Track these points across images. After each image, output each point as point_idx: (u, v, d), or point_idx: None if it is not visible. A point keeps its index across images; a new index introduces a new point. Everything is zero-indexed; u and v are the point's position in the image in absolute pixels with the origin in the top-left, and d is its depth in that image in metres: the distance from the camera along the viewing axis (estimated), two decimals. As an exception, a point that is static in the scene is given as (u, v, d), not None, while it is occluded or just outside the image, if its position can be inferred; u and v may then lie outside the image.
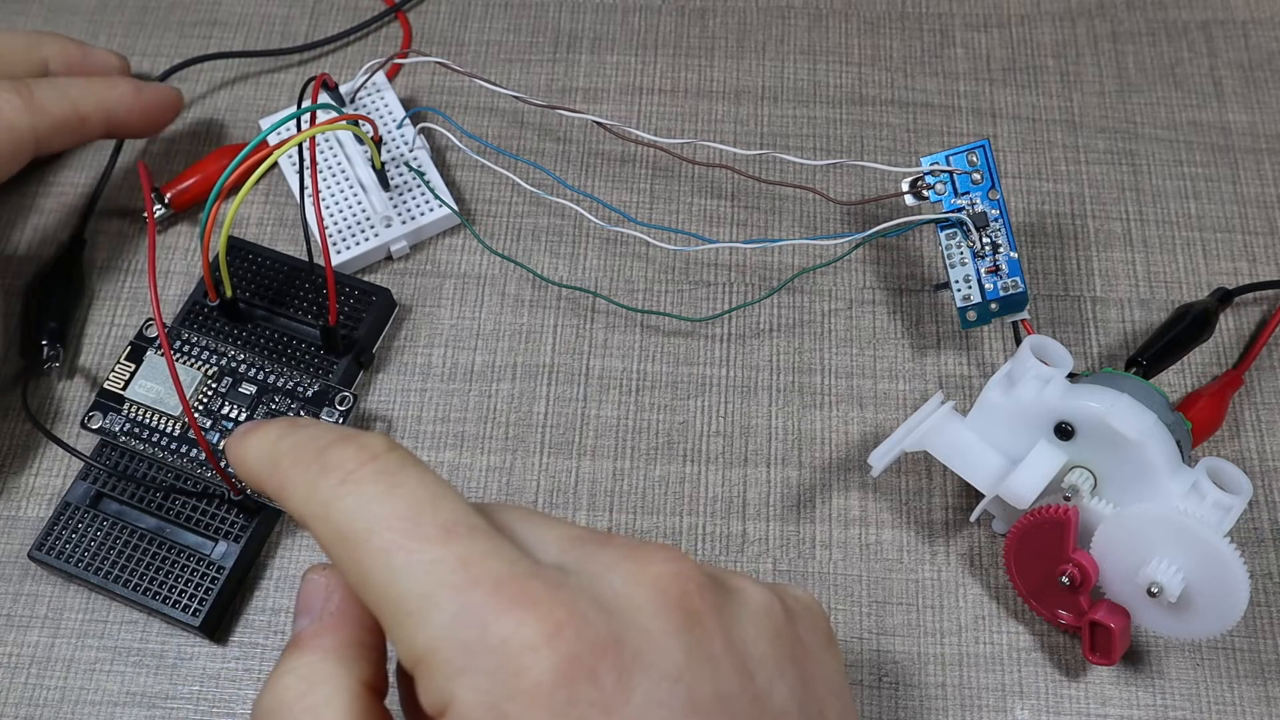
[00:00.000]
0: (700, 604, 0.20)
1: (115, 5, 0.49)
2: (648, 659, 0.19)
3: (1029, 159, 0.44)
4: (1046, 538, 0.33)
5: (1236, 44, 0.47)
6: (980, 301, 0.37)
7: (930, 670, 0.35)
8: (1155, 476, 0.32)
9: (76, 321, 0.41)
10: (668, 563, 0.21)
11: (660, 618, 0.20)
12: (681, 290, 0.42)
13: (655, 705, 0.19)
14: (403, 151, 0.43)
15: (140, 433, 0.37)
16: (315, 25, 0.48)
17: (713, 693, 0.20)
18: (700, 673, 0.20)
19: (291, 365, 0.38)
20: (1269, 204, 0.43)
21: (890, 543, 0.37)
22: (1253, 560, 0.37)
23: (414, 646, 0.20)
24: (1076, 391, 0.33)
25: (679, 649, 0.20)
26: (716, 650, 0.20)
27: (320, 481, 0.21)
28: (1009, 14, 0.48)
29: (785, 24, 0.48)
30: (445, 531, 0.20)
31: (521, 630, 0.19)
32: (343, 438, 0.22)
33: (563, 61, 0.47)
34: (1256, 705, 0.35)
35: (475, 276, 0.42)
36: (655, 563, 0.21)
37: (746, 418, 0.39)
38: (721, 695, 0.20)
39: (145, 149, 0.45)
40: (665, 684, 0.19)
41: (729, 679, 0.20)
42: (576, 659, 0.19)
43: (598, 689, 0.19)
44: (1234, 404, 0.39)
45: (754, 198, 0.44)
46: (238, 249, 0.41)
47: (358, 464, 0.21)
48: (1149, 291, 0.42)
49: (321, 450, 0.21)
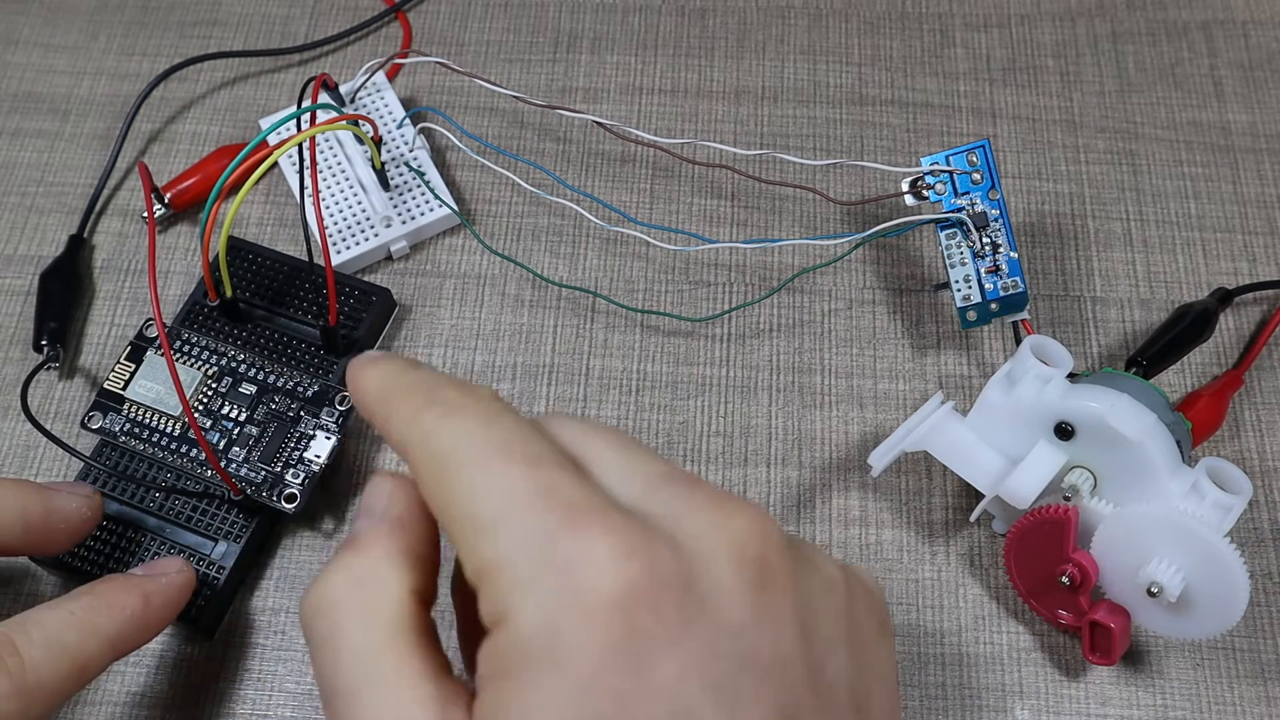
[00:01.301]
0: (777, 566, 0.20)
1: (115, 5, 0.49)
2: (714, 606, 0.19)
3: (1029, 159, 0.44)
4: (1046, 538, 0.33)
5: (1236, 44, 0.47)
6: (980, 301, 0.37)
7: (930, 670, 0.35)
8: (1155, 476, 0.32)
9: (76, 321, 0.41)
10: (753, 519, 0.21)
11: (735, 571, 0.20)
12: (681, 290, 0.42)
13: (712, 652, 0.19)
14: (403, 151, 0.43)
15: (140, 433, 0.37)
16: (315, 25, 0.48)
17: (771, 654, 0.20)
18: (763, 632, 0.20)
19: (291, 365, 0.38)
20: (1269, 204, 0.43)
21: (890, 543, 0.37)
22: (1253, 560, 0.37)
23: (482, 558, 0.20)
24: (1076, 391, 0.33)
25: (747, 605, 0.20)
26: (784, 614, 0.20)
27: (425, 413, 0.22)
28: (1009, 14, 0.48)
29: (785, 24, 0.48)
30: (531, 462, 0.20)
31: (591, 550, 0.19)
32: (453, 382, 0.23)
33: (563, 61, 0.47)
34: (1256, 705, 0.35)
35: (475, 276, 0.42)
36: (740, 515, 0.20)
37: (746, 418, 0.39)
38: (779, 658, 0.20)
39: (145, 149, 0.45)
40: (726, 635, 0.19)
41: (790, 644, 0.20)
42: (642, 588, 0.19)
43: (659, 622, 0.19)
44: (1234, 404, 0.39)
45: (754, 198, 0.44)
46: (238, 249, 0.41)
47: (462, 402, 0.22)
48: (1149, 291, 0.42)
49: (433, 388, 0.22)
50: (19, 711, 0.27)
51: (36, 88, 0.47)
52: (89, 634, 0.29)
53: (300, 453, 0.36)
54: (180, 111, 0.46)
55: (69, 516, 0.33)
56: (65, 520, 0.33)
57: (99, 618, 0.30)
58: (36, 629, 0.29)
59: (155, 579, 0.32)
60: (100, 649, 0.30)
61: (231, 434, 0.37)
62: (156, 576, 0.32)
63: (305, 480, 0.36)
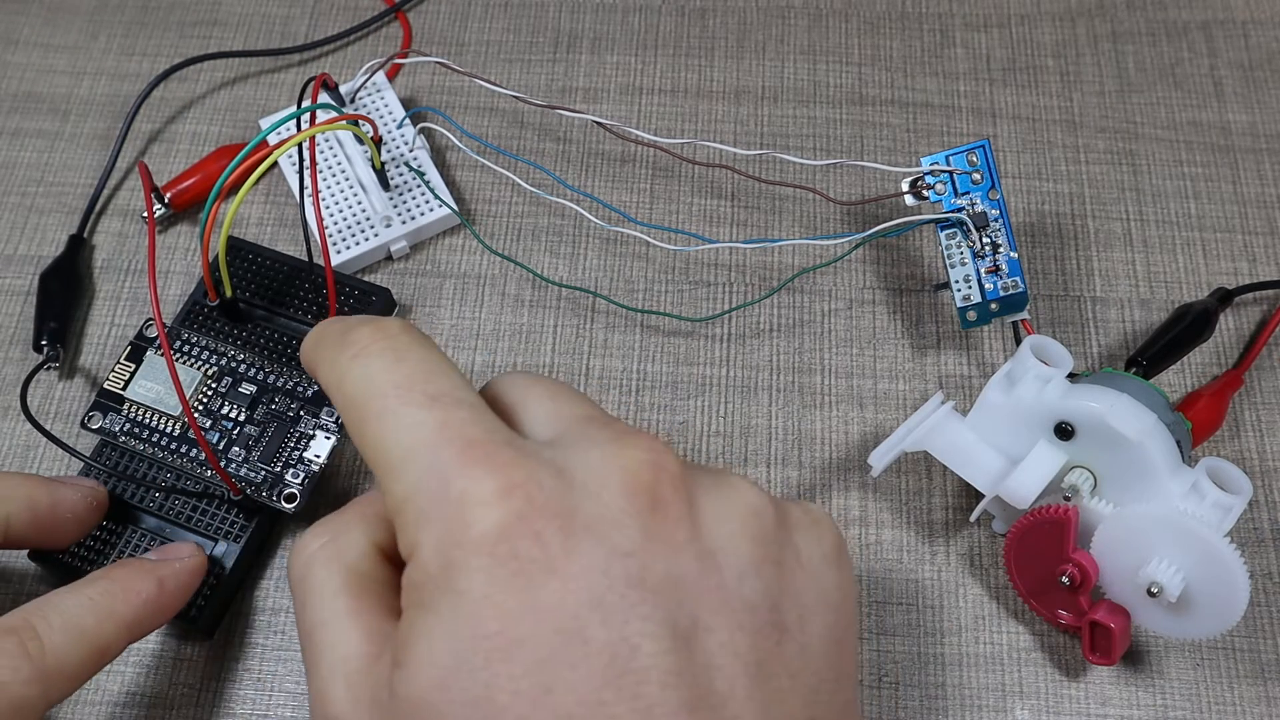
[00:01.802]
0: (669, 493, 0.21)
1: (115, 5, 0.49)
2: (599, 531, 0.20)
3: (1029, 159, 0.44)
4: (1046, 538, 0.33)
5: (1236, 44, 0.47)
6: (980, 301, 0.37)
7: (930, 670, 0.35)
8: (1155, 476, 0.32)
9: (76, 321, 0.41)
10: (646, 451, 0.22)
11: (624, 499, 0.21)
12: (681, 290, 0.42)
13: (598, 573, 0.20)
14: (403, 151, 0.43)
15: (140, 433, 0.37)
16: (315, 25, 0.48)
17: (664, 573, 0.21)
18: (654, 552, 0.21)
19: (291, 365, 0.38)
20: (1269, 204, 0.43)
21: (890, 543, 0.37)
22: (1253, 560, 0.37)
23: (394, 498, 0.22)
24: (1076, 391, 0.33)
25: (635, 528, 0.21)
26: (678, 537, 0.21)
27: (339, 356, 0.24)
28: (1009, 14, 0.48)
29: (785, 24, 0.48)
30: (432, 399, 0.22)
31: (476, 486, 0.20)
32: (364, 320, 0.24)
33: (563, 61, 0.47)
34: (1256, 705, 0.35)
35: (475, 276, 0.42)
36: (634, 448, 0.22)
37: (746, 418, 0.39)
38: (674, 577, 0.21)
39: (145, 149, 0.45)
40: (615, 557, 0.20)
41: (687, 564, 0.21)
42: (523, 517, 0.20)
43: (541, 548, 0.20)
44: (1234, 404, 0.39)
45: (754, 198, 0.44)
46: (238, 249, 0.41)
47: (370, 340, 0.23)
48: (1149, 291, 0.42)
49: (346, 331, 0.24)
50: (40, 694, 0.28)
51: (36, 88, 0.47)
52: (106, 618, 0.30)
53: (300, 453, 0.36)
54: (180, 111, 0.46)
55: (75, 507, 0.34)
56: (72, 510, 0.34)
57: (116, 602, 0.31)
58: (56, 614, 0.29)
59: (169, 563, 0.33)
60: (118, 632, 0.30)
61: (231, 434, 0.37)
62: (170, 561, 0.33)
63: (305, 480, 0.36)
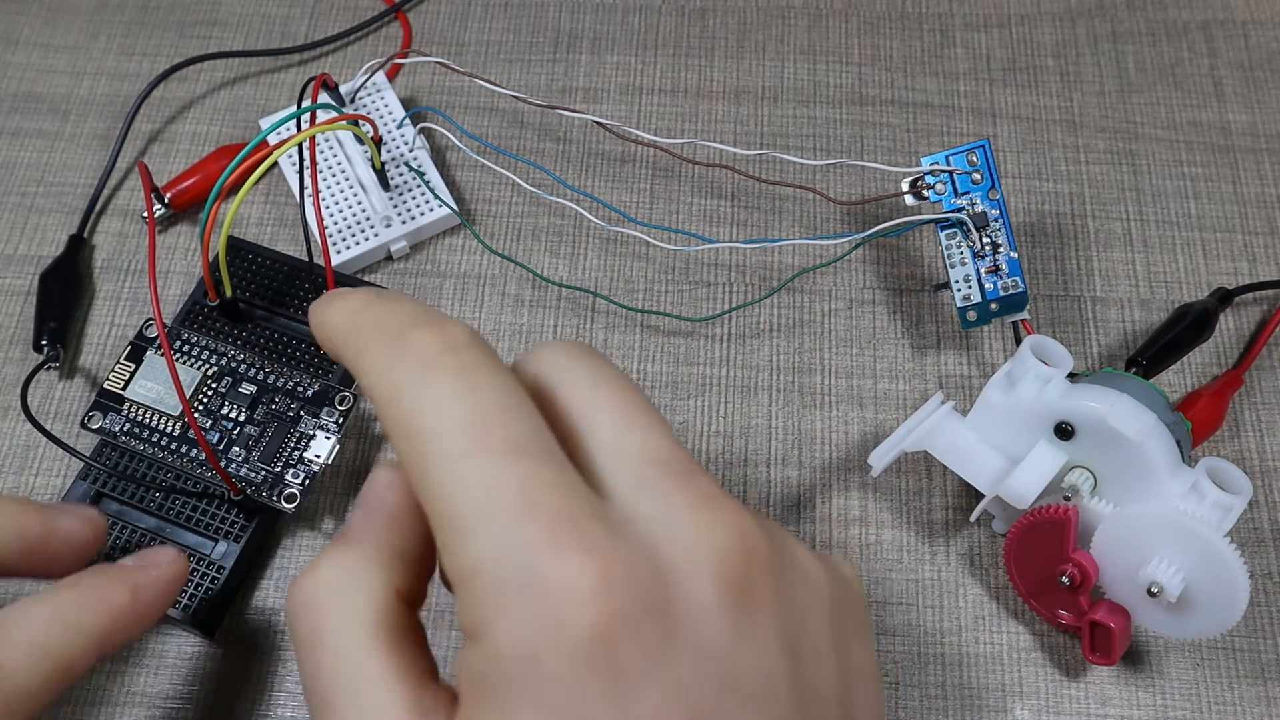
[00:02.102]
0: (760, 583, 0.19)
1: (115, 5, 0.49)
2: (694, 629, 0.19)
3: (1029, 159, 0.44)
4: (1046, 538, 0.33)
5: (1236, 44, 0.47)
6: (980, 301, 0.37)
7: (930, 670, 0.35)
8: (1155, 476, 0.32)
9: (76, 321, 0.41)
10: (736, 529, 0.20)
11: (717, 589, 0.19)
12: (681, 290, 0.42)
13: (694, 678, 0.18)
14: (403, 151, 0.43)
15: (140, 433, 0.37)
16: (315, 25, 0.48)
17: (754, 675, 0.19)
18: (746, 653, 0.19)
19: (291, 365, 0.38)
20: (1269, 204, 0.43)
21: (890, 543, 0.37)
22: (1253, 560, 0.37)
23: (459, 562, 0.19)
24: (1076, 391, 0.33)
25: (727, 625, 0.19)
26: (768, 632, 0.19)
27: (396, 363, 0.20)
28: (1009, 14, 0.48)
29: (785, 24, 0.48)
30: (514, 449, 0.19)
31: (572, 578, 0.18)
32: (426, 320, 0.21)
33: (563, 61, 0.47)
34: (1256, 705, 0.35)
35: (475, 276, 0.42)
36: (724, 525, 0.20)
37: (746, 418, 0.39)
38: (762, 679, 0.19)
39: (145, 149, 0.45)
40: (708, 658, 0.19)
41: (774, 663, 0.19)
42: (624, 618, 0.18)
43: (640, 652, 0.18)
44: (1234, 404, 0.39)
45: (754, 198, 0.44)
46: (238, 249, 0.41)
47: (437, 353, 0.20)
48: (1149, 291, 0.42)
49: (403, 329, 0.21)
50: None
51: (36, 88, 0.47)
52: (73, 633, 0.27)
53: (300, 453, 0.36)
54: (180, 111, 0.46)
55: (69, 538, 0.31)
56: (65, 542, 0.31)
57: (84, 615, 0.28)
58: (16, 629, 0.27)
59: (145, 570, 0.30)
60: (86, 648, 0.28)
61: (231, 434, 0.37)
62: (147, 568, 0.30)
63: (305, 480, 0.36)
